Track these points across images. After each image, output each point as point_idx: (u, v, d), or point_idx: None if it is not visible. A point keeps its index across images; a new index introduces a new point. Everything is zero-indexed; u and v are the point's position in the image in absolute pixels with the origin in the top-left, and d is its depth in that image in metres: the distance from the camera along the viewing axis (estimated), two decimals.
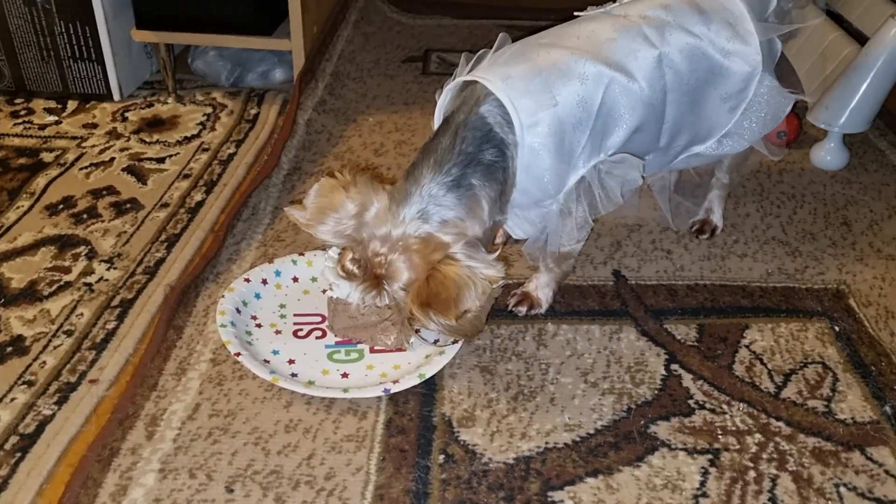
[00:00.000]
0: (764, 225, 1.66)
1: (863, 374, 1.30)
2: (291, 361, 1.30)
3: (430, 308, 1.10)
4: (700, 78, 1.32)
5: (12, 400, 1.23)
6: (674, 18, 1.31)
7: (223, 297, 1.38)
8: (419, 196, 1.15)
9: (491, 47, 1.32)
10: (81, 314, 1.40)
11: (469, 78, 1.24)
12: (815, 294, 1.47)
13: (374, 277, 1.15)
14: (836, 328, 1.39)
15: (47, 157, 1.89)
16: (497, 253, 1.21)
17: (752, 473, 1.13)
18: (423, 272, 1.11)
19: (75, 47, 2.08)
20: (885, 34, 1.73)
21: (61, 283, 1.48)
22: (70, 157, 1.89)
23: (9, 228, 1.63)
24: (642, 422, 1.21)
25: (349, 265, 1.17)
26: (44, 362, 1.30)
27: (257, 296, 1.42)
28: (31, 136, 1.98)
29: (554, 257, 1.37)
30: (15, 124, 2.04)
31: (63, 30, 2.06)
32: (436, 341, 1.32)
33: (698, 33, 1.31)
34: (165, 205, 1.72)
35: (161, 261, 1.54)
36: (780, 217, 1.68)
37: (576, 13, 1.36)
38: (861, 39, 1.92)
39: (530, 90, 1.19)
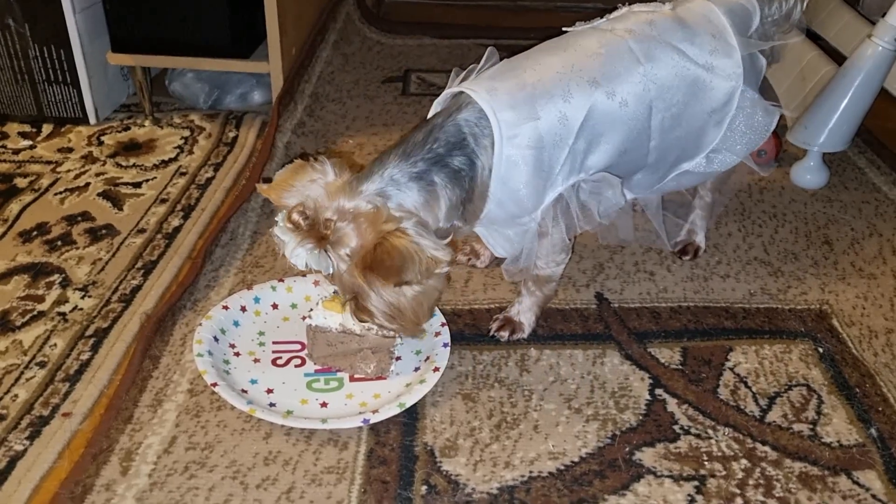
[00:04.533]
0: (746, 245, 1.66)
1: (847, 396, 1.29)
2: (270, 391, 1.27)
3: (372, 273, 1.09)
4: (685, 93, 1.33)
5: None
6: (658, 33, 1.32)
7: (201, 325, 1.35)
8: (381, 177, 1.15)
9: (477, 65, 1.32)
10: (55, 345, 1.37)
11: (457, 89, 1.25)
12: (799, 314, 1.46)
13: (319, 237, 1.13)
14: (820, 349, 1.38)
15: (21, 182, 1.86)
16: (448, 239, 1.21)
17: (738, 500, 1.11)
18: (372, 241, 1.10)
19: (50, 70, 2.06)
20: (862, 54, 1.74)
21: (34, 312, 1.45)
22: (44, 182, 1.86)
23: None
24: (627, 448, 1.19)
25: (296, 216, 1.14)
26: (15, 395, 1.27)
27: (236, 323, 1.39)
28: (4, 161, 1.95)
29: (533, 278, 1.36)
30: None
31: (37, 53, 2.03)
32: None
33: (683, 48, 1.32)
34: (142, 231, 1.69)
35: (137, 288, 1.51)
36: (761, 237, 1.68)
37: (564, 28, 1.37)
38: (837, 57, 1.93)
39: (514, 104, 1.20)
